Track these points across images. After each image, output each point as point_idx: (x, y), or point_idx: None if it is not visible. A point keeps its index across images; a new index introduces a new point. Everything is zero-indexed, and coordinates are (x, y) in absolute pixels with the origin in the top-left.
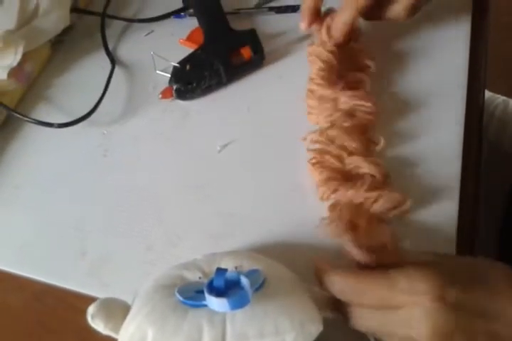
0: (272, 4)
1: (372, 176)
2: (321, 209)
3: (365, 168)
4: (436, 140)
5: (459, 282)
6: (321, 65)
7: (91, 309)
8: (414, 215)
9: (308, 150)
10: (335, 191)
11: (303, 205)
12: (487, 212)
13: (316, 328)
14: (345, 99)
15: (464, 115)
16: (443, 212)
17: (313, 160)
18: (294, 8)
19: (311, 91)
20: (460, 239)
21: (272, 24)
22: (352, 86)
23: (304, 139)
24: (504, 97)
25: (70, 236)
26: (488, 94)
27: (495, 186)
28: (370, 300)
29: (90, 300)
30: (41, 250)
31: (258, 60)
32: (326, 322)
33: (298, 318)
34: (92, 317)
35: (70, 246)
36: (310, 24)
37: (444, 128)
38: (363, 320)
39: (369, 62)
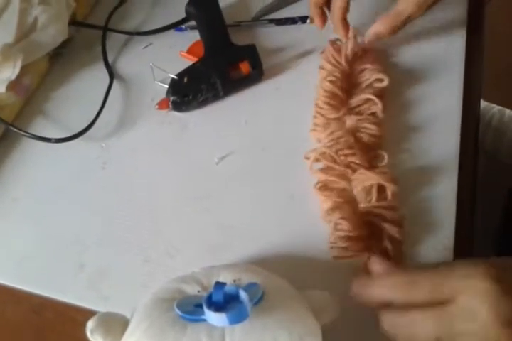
0: (272, 16)
1: (381, 186)
2: (320, 220)
3: (372, 179)
4: (432, 150)
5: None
6: (324, 93)
7: (90, 324)
8: (410, 227)
9: (312, 170)
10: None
11: (301, 216)
12: (484, 222)
13: None
14: (351, 122)
15: (460, 126)
16: (440, 223)
17: (319, 185)
18: (293, 21)
19: (317, 113)
20: (457, 251)
21: (272, 36)
22: (362, 107)
23: (307, 158)
24: (500, 107)
25: (68, 249)
26: (483, 103)
27: (492, 196)
28: (421, 292)
29: (89, 313)
30: (39, 263)
31: (256, 76)
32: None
33: (297, 332)
34: (91, 332)
35: (68, 259)
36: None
37: (440, 138)
38: (417, 326)
39: (380, 76)
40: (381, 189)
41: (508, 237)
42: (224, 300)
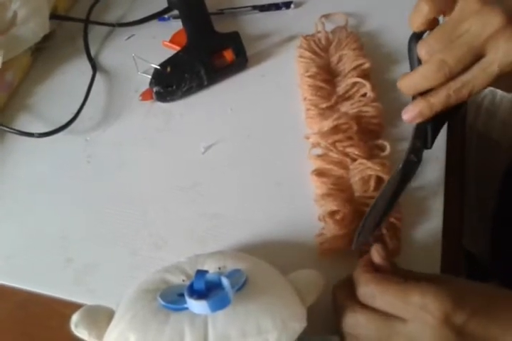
0: (256, 3)
1: (380, 178)
2: (307, 208)
3: (370, 169)
4: None
5: (470, 309)
6: (309, 88)
7: (74, 317)
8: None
9: (310, 156)
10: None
11: (289, 204)
12: (479, 202)
13: (299, 325)
14: (346, 108)
15: None
16: (428, 208)
17: (316, 171)
18: (277, 6)
19: (309, 105)
20: (446, 236)
21: (256, 23)
22: (351, 92)
23: (308, 138)
24: (492, 88)
25: (54, 244)
26: None
27: (485, 178)
28: (382, 305)
29: (77, 307)
30: (26, 258)
31: (241, 63)
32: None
33: (280, 316)
34: (76, 326)
35: (54, 254)
36: None
37: None
38: (365, 325)
39: (362, 61)
40: (379, 180)
41: (503, 216)
42: (206, 288)
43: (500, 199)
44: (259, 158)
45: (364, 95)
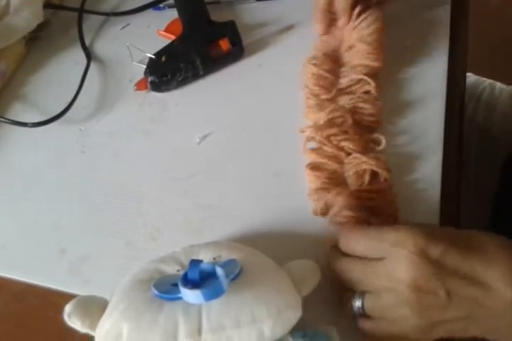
0: None
1: (374, 172)
2: (303, 199)
3: (365, 163)
4: (417, 129)
5: (446, 242)
6: (312, 76)
7: (67, 308)
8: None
9: (305, 150)
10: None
11: (285, 195)
12: (478, 196)
13: (294, 314)
14: (345, 102)
15: (445, 104)
16: (425, 202)
17: (310, 165)
18: None
19: (309, 94)
20: (443, 224)
21: (253, 12)
22: (354, 87)
23: (303, 132)
24: (490, 80)
25: (48, 235)
26: (474, 77)
27: (484, 171)
28: (362, 250)
29: (72, 297)
30: (20, 249)
31: (237, 53)
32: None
33: (275, 305)
34: (69, 316)
35: (49, 245)
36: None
37: (425, 117)
38: (348, 270)
39: (372, 60)
40: (373, 175)
41: (503, 210)
42: (200, 278)
43: (499, 193)
44: (255, 148)
45: (366, 92)
